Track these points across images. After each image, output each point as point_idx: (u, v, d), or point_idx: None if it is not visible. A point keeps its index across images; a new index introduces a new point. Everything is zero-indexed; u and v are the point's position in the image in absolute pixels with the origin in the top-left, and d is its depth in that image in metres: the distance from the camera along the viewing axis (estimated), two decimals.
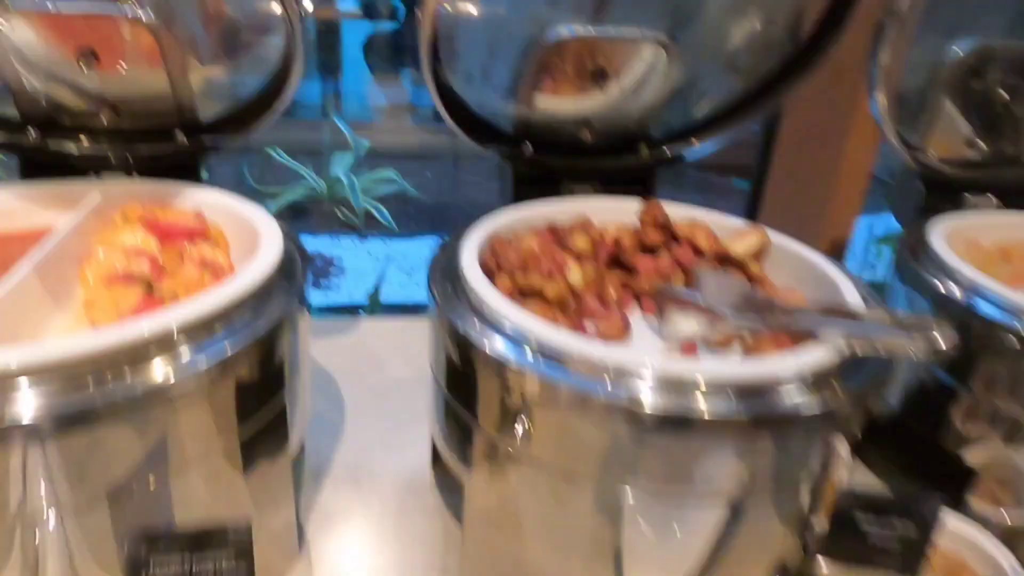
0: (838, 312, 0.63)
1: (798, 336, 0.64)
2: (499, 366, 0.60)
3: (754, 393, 0.55)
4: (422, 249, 3.58)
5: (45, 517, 0.52)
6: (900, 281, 0.88)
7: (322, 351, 1.07)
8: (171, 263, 0.71)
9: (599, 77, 0.83)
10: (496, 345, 0.61)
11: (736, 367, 0.57)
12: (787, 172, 1.46)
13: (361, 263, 3.39)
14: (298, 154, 3.88)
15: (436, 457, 0.87)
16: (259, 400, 0.63)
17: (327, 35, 4.49)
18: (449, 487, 0.84)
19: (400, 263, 3.45)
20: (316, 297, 3.11)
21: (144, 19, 0.73)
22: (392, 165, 4.02)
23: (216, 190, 0.78)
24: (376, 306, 2.35)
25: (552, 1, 0.76)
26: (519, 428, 0.62)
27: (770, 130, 1.45)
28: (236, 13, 0.76)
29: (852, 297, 0.67)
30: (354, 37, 4.75)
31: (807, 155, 1.41)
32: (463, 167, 4.42)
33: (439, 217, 3.91)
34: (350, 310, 3.05)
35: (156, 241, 0.73)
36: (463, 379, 0.66)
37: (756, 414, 0.54)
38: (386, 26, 4.94)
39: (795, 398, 0.56)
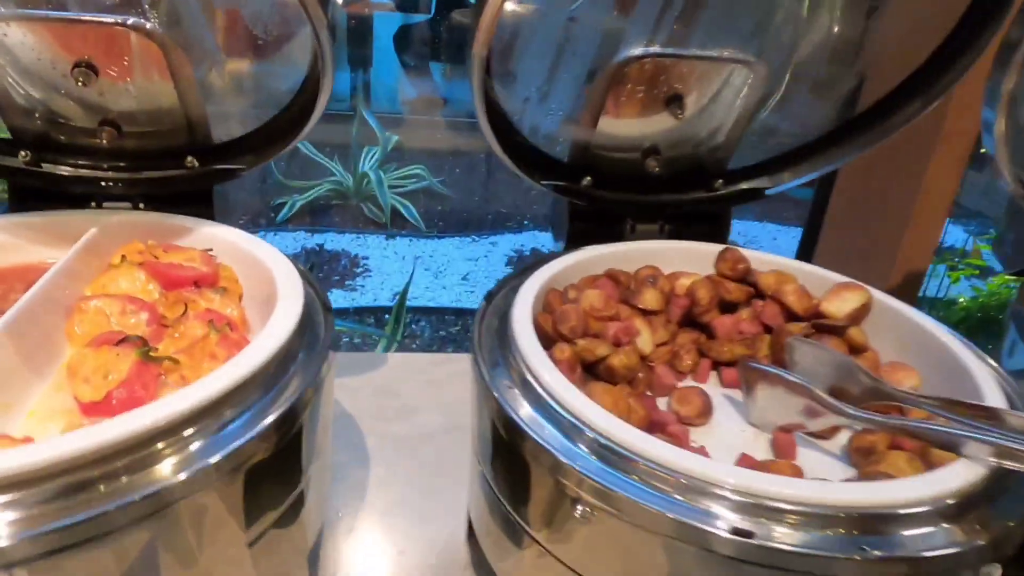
0: (978, 414, 0.51)
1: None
2: (552, 463, 0.49)
3: (872, 524, 0.44)
4: (449, 249, 3.49)
5: None
6: (1018, 335, 0.75)
7: (344, 391, 0.97)
8: (173, 314, 0.61)
9: (673, 102, 0.71)
10: (549, 437, 0.50)
11: (848, 491, 0.46)
12: (853, 201, 1.33)
13: (388, 263, 3.30)
14: (325, 147, 3.80)
15: (472, 531, 0.76)
16: (275, 489, 0.53)
17: (358, 27, 4.39)
18: (488, 569, 0.73)
19: (427, 263, 3.36)
20: (340, 299, 3.02)
21: (149, 27, 0.63)
22: (420, 161, 3.93)
23: (228, 227, 0.68)
24: (402, 309, 2.25)
25: (627, 19, 0.64)
26: (569, 536, 0.51)
27: None
28: (254, 23, 0.66)
29: (991, 392, 0.55)
30: (385, 29, 4.65)
31: (879, 180, 1.28)
32: (493, 163, 4.31)
33: (468, 215, 3.81)
34: (374, 312, 2.96)
35: (158, 287, 0.63)
36: (508, 467, 0.56)
37: (872, 554, 0.43)
38: (416, 18, 4.83)
39: (926, 532, 0.44)
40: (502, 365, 0.58)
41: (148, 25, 0.62)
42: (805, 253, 1.52)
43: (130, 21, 0.62)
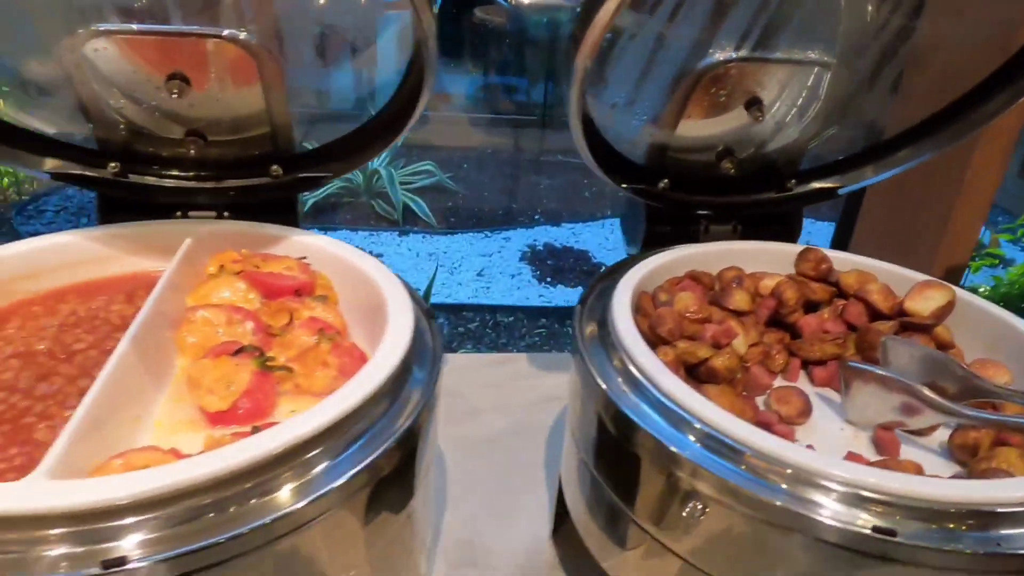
0: None
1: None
2: (667, 457, 0.51)
3: (979, 521, 0.45)
4: (463, 245, 3.49)
5: None
6: None
7: None
8: (277, 323, 0.62)
9: (753, 104, 0.72)
10: (664, 434, 0.52)
11: (956, 488, 0.47)
12: (891, 194, 1.34)
13: (402, 260, 3.30)
14: None
15: (556, 527, 0.77)
16: (396, 500, 0.53)
17: None
18: (575, 566, 0.75)
19: (441, 259, 3.36)
20: None
21: (245, 38, 0.63)
22: (428, 157, 3.92)
23: (316, 234, 0.69)
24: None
25: (716, 25, 0.65)
26: (679, 526, 0.53)
27: None
28: (349, 33, 0.66)
29: None
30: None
31: (919, 174, 1.29)
32: (502, 158, 4.31)
33: (479, 210, 3.81)
34: None
35: (259, 296, 0.64)
36: (617, 461, 0.58)
37: (979, 550, 0.44)
38: None
39: None
40: (608, 366, 0.59)
41: (244, 36, 0.63)
42: (839, 246, 1.53)
43: (226, 32, 0.63)
